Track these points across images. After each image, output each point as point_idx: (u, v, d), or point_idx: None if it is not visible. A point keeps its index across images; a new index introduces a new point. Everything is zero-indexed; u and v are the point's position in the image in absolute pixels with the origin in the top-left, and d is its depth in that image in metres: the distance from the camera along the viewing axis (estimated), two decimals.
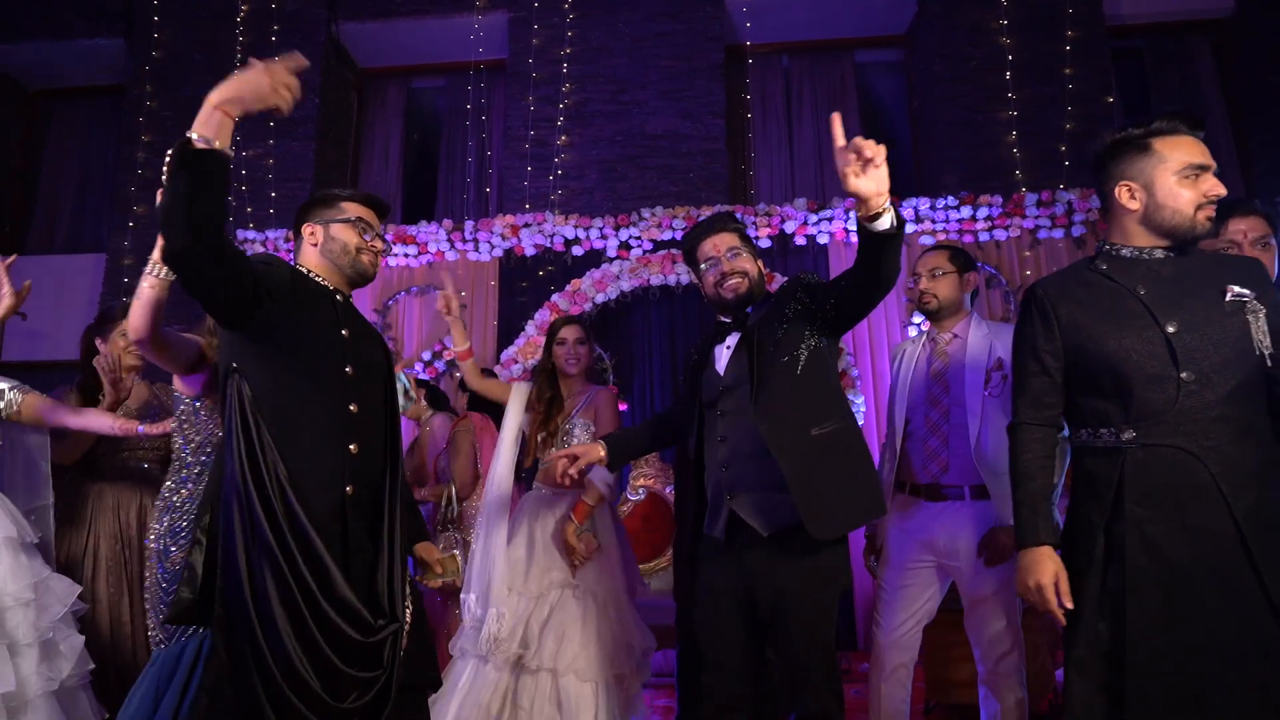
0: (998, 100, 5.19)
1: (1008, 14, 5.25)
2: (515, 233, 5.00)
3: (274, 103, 1.51)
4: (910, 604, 2.33)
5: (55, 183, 6.60)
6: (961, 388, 2.33)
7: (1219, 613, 1.45)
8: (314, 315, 1.71)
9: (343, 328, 1.74)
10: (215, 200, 1.54)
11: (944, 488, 2.31)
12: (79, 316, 5.78)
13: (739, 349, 2.02)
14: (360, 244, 1.81)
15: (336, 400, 1.67)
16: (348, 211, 1.83)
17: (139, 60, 5.96)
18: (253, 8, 5.93)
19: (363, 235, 1.82)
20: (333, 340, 1.71)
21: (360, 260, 1.81)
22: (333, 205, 1.84)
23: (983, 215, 4.65)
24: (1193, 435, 1.50)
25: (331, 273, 1.81)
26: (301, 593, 1.49)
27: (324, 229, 1.81)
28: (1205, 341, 1.52)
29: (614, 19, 5.65)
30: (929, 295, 2.42)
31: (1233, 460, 1.48)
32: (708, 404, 2.06)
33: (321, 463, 1.60)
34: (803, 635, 1.86)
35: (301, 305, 1.69)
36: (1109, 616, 1.53)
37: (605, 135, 5.49)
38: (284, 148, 5.73)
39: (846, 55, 6.08)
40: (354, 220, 1.81)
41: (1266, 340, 1.52)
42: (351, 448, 1.65)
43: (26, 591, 2.22)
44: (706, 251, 2.09)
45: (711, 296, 2.09)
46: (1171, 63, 5.71)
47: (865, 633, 4.38)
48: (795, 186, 5.86)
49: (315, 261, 1.81)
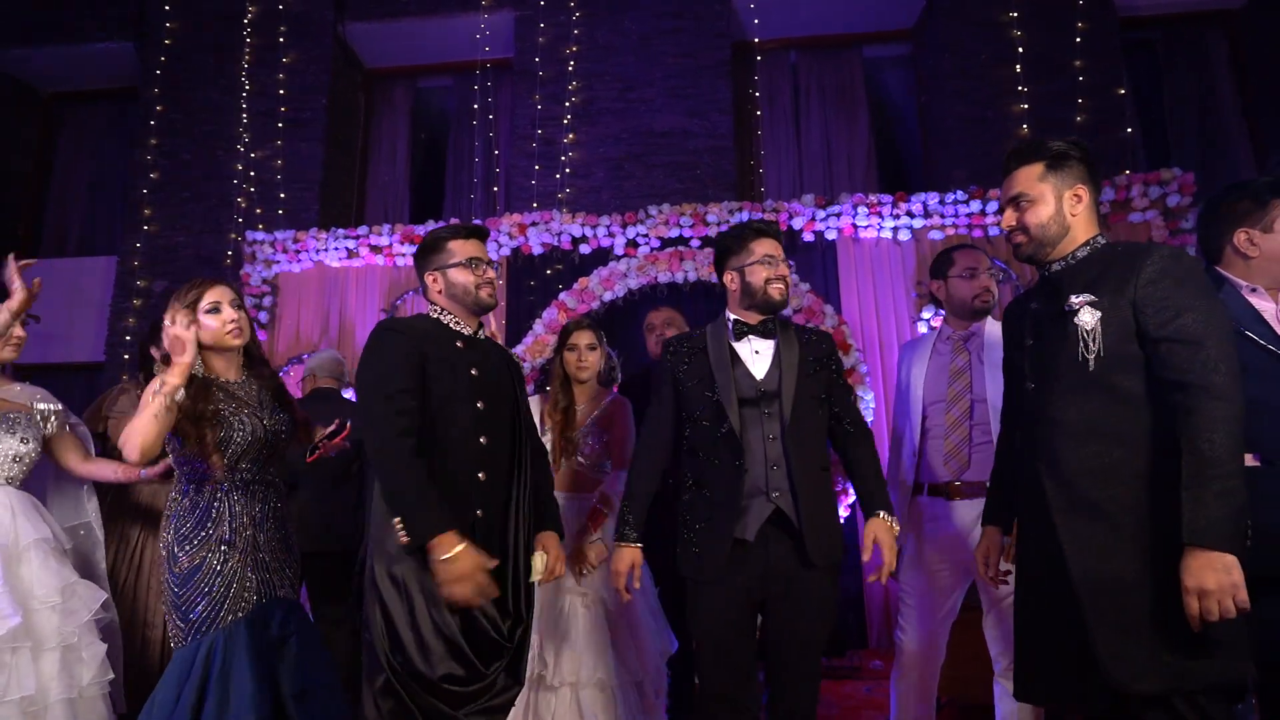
0: (1008, 94, 5.14)
1: (1017, 7, 5.21)
2: (522, 231, 5.00)
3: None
4: (937, 608, 2.32)
5: (67, 186, 6.66)
6: (984, 385, 2.31)
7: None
8: (451, 367, 1.95)
9: (472, 367, 1.98)
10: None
11: (965, 485, 2.29)
12: (91, 319, 5.84)
13: (780, 357, 2.07)
14: (477, 281, 2.03)
15: (469, 436, 1.93)
16: (457, 254, 2.03)
17: (149, 64, 6.00)
18: (260, 10, 5.96)
19: (476, 271, 2.03)
20: (465, 382, 1.95)
21: (480, 296, 2.04)
22: (442, 250, 2.04)
23: (992, 210, 4.62)
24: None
25: (461, 312, 2.05)
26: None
27: (443, 276, 2.04)
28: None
29: (620, 17, 5.64)
30: (989, 294, 2.41)
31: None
32: (747, 401, 2.03)
33: (456, 491, 1.86)
34: (810, 632, 1.96)
35: (441, 362, 1.95)
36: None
37: (612, 133, 5.48)
38: (292, 149, 5.76)
39: (854, 51, 6.05)
40: (466, 263, 2.02)
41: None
42: (480, 476, 1.91)
43: (54, 595, 2.25)
44: (767, 249, 2.09)
45: (758, 289, 2.07)
46: (1184, 54, 5.64)
47: (878, 631, 4.36)
48: (803, 183, 5.83)
49: (444, 303, 2.06)
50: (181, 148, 5.88)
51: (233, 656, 1.95)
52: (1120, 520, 1.54)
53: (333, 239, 5.21)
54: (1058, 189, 1.72)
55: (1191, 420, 1.47)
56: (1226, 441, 1.44)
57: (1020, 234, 1.75)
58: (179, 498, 2.07)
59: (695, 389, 2.08)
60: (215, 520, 2.03)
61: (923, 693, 2.32)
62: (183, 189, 5.80)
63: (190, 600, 1.97)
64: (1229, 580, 1.41)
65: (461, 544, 1.73)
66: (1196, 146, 5.45)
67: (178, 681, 1.94)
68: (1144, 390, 1.56)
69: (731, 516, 1.96)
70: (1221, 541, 1.41)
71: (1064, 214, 1.71)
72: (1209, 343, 1.49)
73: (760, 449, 1.99)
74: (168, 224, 5.76)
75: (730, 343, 2.10)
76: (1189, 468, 1.46)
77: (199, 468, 2.06)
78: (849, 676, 3.93)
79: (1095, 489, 1.56)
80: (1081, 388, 1.60)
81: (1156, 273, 1.57)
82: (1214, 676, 1.46)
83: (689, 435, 2.10)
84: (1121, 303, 1.58)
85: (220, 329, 2.09)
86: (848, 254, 4.77)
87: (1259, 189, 1.88)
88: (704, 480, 2.03)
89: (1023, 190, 1.73)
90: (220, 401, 2.06)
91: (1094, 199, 1.74)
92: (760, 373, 2.07)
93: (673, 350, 2.16)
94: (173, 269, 5.68)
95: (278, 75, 5.85)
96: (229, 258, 5.58)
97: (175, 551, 2.02)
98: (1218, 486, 1.43)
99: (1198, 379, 1.47)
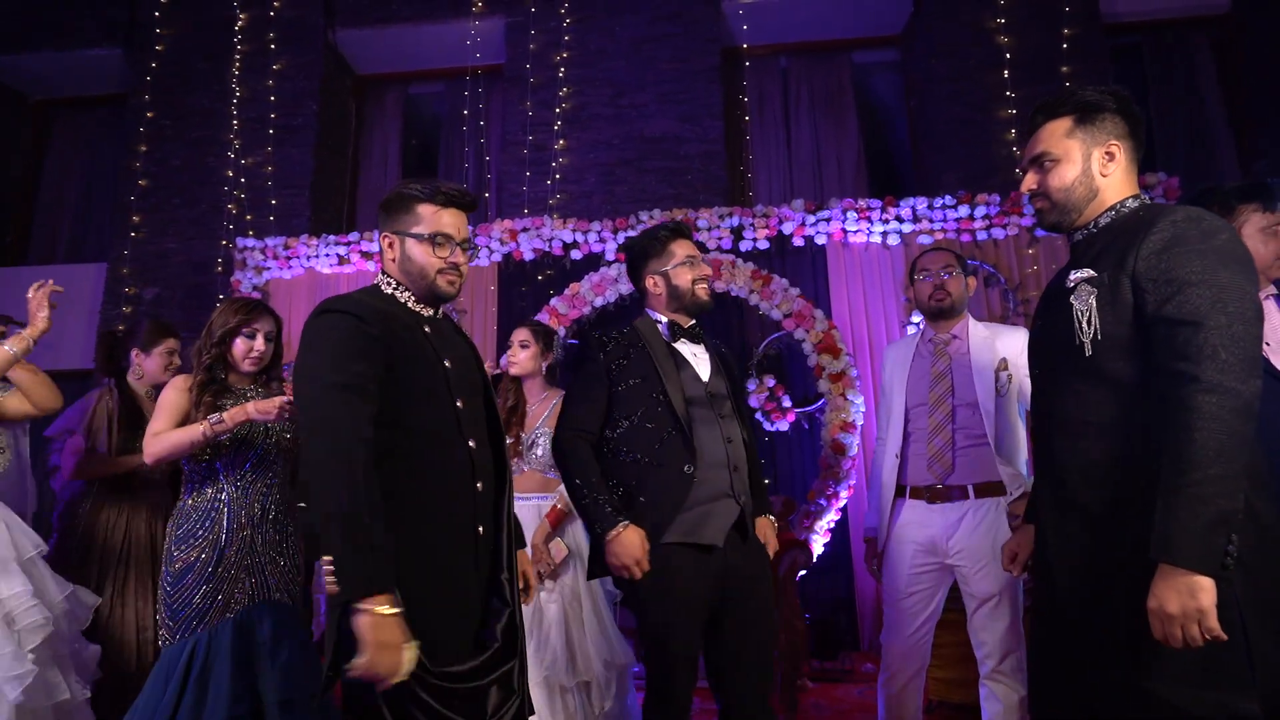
0: (996, 99, 5.18)
1: (1005, 12, 5.25)
2: (514, 237, 5.01)
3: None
4: (921, 611, 2.32)
5: (57, 192, 6.63)
6: (969, 388, 2.31)
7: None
8: (422, 357, 1.58)
9: (444, 358, 1.61)
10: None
11: (948, 489, 2.29)
12: (80, 326, 5.81)
13: (714, 363, 2.10)
14: (439, 265, 1.61)
15: (457, 441, 1.58)
16: (424, 222, 1.61)
17: (139, 70, 5.99)
18: (252, 16, 5.96)
19: (439, 250, 1.61)
20: (440, 376, 1.59)
21: (437, 284, 1.62)
22: (409, 211, 1.63)
23: (980, 214, 4.65)
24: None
25: (417, 289, 1.65)
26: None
27: (400, 243, 1.63)
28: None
29: (611, 23, 5.66)
30: (943, 293, 2.39)
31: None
32: (695, 402, 1.98)
33: (454, 506, 1.56)
34: (767, 632, 1.98)
35: (409, 352, 1.56)
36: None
37: (603, 139, 5.50)
38: (283, 155, 5.75)
39: (844, 56, 6.08)
40: (429, 238, 1.61)
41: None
42: (479, 486, 1.59)
43: (63, 603, 2.28)
44: (688, 250, 2.11)
45: (685, 291, 2.08)
46: (1170, 60, 5.69)
47: (870, 634, 4.37)
48: (793, 187, 5.86)
49: (399, 276, 1.65)
50: (172, 154, 5.87)
51: (214, 656, 1.97)
52: (1107, 525, 1.37)
53: (324, 245, 5.20)
54: (1086, 146, 1.49)
55: (1175, 415, 1.26)
56: (1210, 441, 1.22)
57: (1041, 199, 1.54)
58: (183, 501, 2.16)
59: (637, 388, 1.97)
60: (214, 522, 2.09)
61: (909, 695, 2.32)
62: (173, 195, 5.79)
63: (180, 599, 2.03)
64: (1193, 605, 1.20)
65: (397, 609, 1.34)
66: (1182, 151, 5.50)
67: (163, 679, 1.98)
68: (1139, 378, 1.36)
69: (690, 521, 1.87)
70: (1187, 559, 1.20)
71: (1092, 175, 1.49)
72: (1210, 323, 1.27)
73: (720, 451, 1.94)
74: (158, 230, 5.75)
75: (669, 343, 2.06)
76: (1164, 470, 1.26)
77: (203, 471, 2.15)
78: (841, 679, 3.94)
79: (1084, 489, 1.40)
80: (1079, 375, 1.43)
81: (1164, 241, 1.35)
82: (1205, 713, 1.25)
83: (617, 436, 1.97)
84: (1122, 278, 1.38)
85: (244, 353, 2.24)
86: (838, 258, 4.79)
87: (1226, 194, 1.89)
88: (643, 485, 1.90)
89: (1046, 149, 1.51)
90: (224, 397, 2.20)
91: (1132, 156, 1.51)
92: (705, 374, 2.04)
93: (606, 346, 2.04)
94: (163, 276, 5.66)
95: (269, 81, 5.84)
96: (219, 264, 5.57)
97: (173, 551, 2.09)
98: (1190, 493, 1.22)
99: (1188, 367, 1.26)
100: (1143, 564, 1.27)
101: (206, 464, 2.14)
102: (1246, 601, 1.28)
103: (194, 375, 2.22)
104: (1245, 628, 1.27)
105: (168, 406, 2.18)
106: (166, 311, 5.55)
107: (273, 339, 2.30)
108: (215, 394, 2.19)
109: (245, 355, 2.24)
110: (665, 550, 1.87)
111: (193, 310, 5.54)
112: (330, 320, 1.51)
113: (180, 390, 2.20)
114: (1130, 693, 1.31)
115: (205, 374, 2.21)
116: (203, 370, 2.21)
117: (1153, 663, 1.29)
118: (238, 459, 2.16)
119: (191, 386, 2.19)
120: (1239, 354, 1.26)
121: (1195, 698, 1.26)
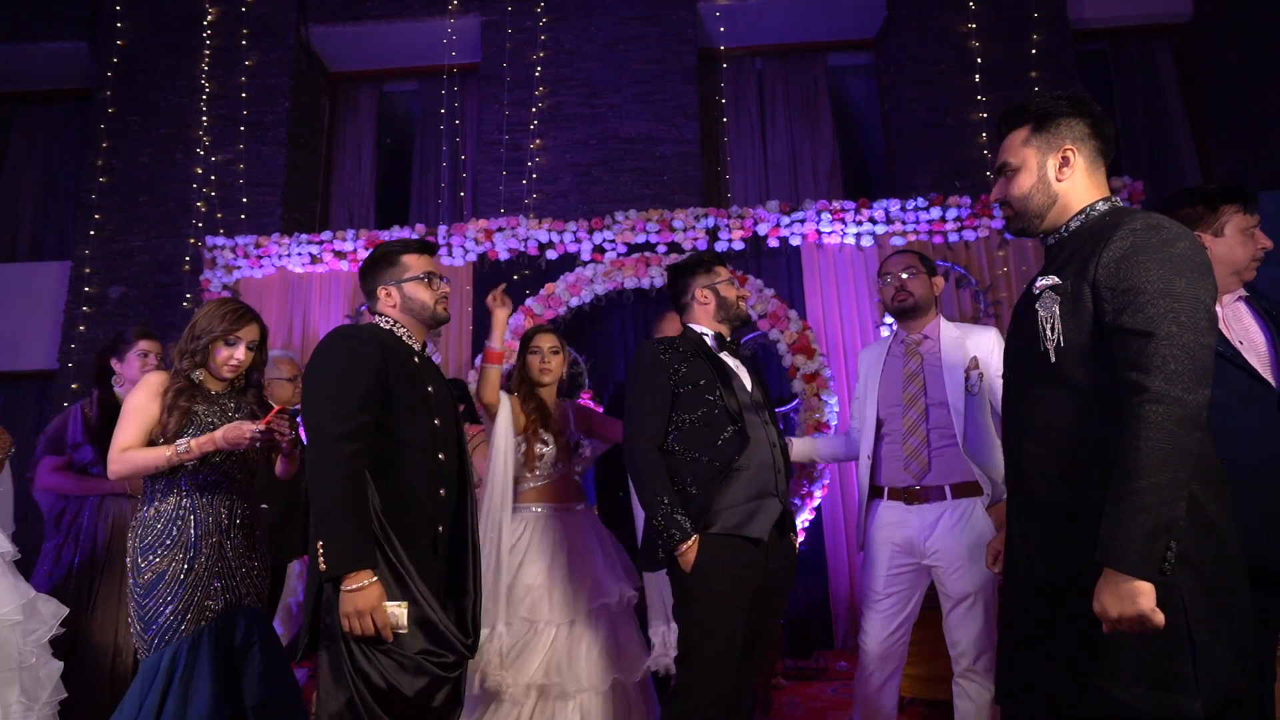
0: (967, 102, 5.26)
1: (976, 18, 5.34)
2: (489, 237, 4.98)
3: None
4: (899, 612, 2.35)
5: (17, 188, 6.46)
6: (941, 388, 2.34)
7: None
8: (410, 380, 1.93)
9: (427, 383, 1.98)
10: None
11: (925, 489, 2.31)
12: (42, 325, 5.68)
13: (751, 374, 2.31)
14: (435, 297, 2.02)
15: (430, 452, 1.91)
16: (414, 268, 2.01)
17: (103, 64, 5.86)
18: (221, 11, 5.86)
19: (433, 286, 2.02)
20: (422, 396, 1.94)
21: (437, 311, 2.03)
22: (397, 264, 2.01)
23: (952, 216, 4.71)
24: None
25: (414, 326, 2.03)
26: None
27: (399, 290, 2.01)
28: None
29: (587, 23, 5.65)
30: (905, 293, 2.42)
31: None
32: (746, 408, 2.19)
33: (419, 506, 1.87)
34: (775, 626, 2.18)
35: (401, 375, 1.91)
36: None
37: (579, 139, 5.49)
38: (254, 152, 5.67)
39: (819, 58, 6.13)
40: (423, 277, 2.01)
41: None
42: (442, 492, 1.91)
43: (16, 613, 2.19)
44: (727, 272, 2.38)
45: (732, 304, 2.34)
46: (1134, 65, 5.82)
47: (844, 632, 4.41)
48: (769, 189, 5.90)
49: (398, 316, 2.02)
50: (137, 150, 5.75)
51: (195, 664, 1.96)
52: (1066, 528, 1.41)
53: (296, 244, 5.13)
54: (1041, 154, 1.54)
55: (1127, 423, 1.29)
56: (1154, 450, 1.25)
57: (1006, 206, 1.60)
58: (144, 508, 2.11)
59: (697, 392, 2.18)
60: (180, 529, 2.06)
61: (886, 694, 2.35)
62: (139, 192, 5.68)
63: (153, 610, 1.99)
64: (1132, 609, 1.24)
65: (373, 579, 1.70)
66: (1146, 155, 5.63)
67: (141, 691, 1.95)
68: (1100, 386, 1.39)
69: (738, 516, 2.07)
70: (1128, 564, 1.24)
71: (1048, 181, 1.53)
72: (1161, 333, 1.29)
73: (767, 453, 2.16)
74: (122, 228, 5.63)
75: (716, 352, 2.29)
76: (1114, 477, 1.29)
77: (165, 482, 2.10)
78: (814, 678, 3.97)
79: (1045, 491, 1.44)
80: (1044, 381, 1.46)
81: (1122, 250, 1.38)
82: (1151, 711, 1.30)
83: (674, 436, 2.18)
84: (1084, 285, 1.41)
85: (224, 360, 2.21)
86: (812, 259, 4.83)
87: (1210, 194, 1.92)
88: (698, 480, 2.11)
89: (1006, 158, 1.58)
90: (198, 402, 2.17)
91: (1095, 158, 1.54)
92: (748, 383, 2.28)
93: (667, 351, 2.25)
94: (129, 274, 5.55)
95: (239, 78, 5.75)
96: (188, 263, 5.47)
97: (139, 562, 2.04)
98: (1133, 501, 1.26)
99: (1139, 377, 1.29)
100: (1096, 566, 1.30)
101: (168, 475, 2.09)
102: (1193, 603, 1.32)
103: (171, 380, 2.17)
104: (1190, 629, 1.31)
105: (135, 414, 2.12)
106: (133, 310, 5.44)
107: (255, 348, 2.25)
108: (190, 399, 2.14)
109: (225, 362, 2.21)
110: (718, 541, 2.06)
111: (160, 308, 5.43)
112: (349, 346, 1.87)
113: (152, 394, 2.13)
114: (1086, 691, 1.35)
115: (184, 381, 2.16)
116: (182, 377, 2.17)
117: (1105, 663, 1.34)
118: (200, 468, 2.12)
119: (167, 390, 2.14)
120: (1188, 364, 1.28)
121: (1143, 696, 1.31)
